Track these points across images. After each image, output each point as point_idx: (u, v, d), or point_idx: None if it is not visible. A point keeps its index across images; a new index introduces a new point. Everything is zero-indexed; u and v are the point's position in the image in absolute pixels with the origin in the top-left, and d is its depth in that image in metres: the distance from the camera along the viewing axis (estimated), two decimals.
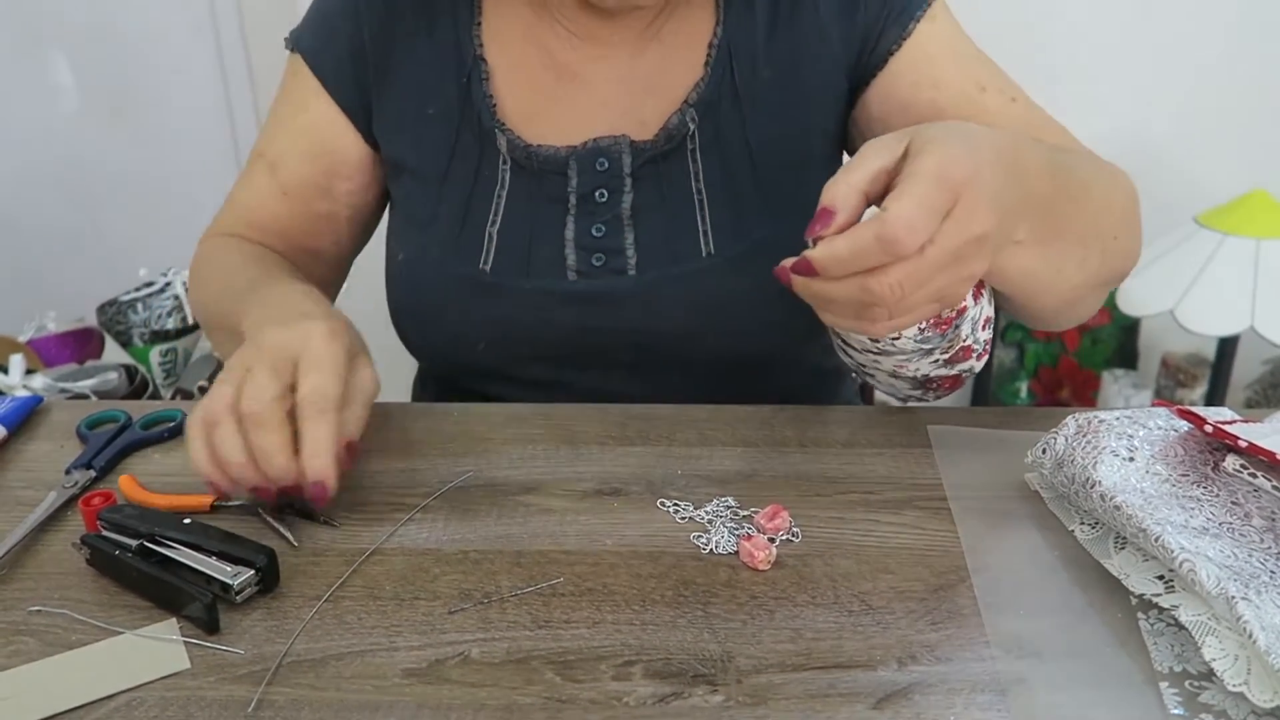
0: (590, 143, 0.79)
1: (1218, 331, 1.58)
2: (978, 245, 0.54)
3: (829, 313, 0.57)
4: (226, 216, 0.88)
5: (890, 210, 0.51)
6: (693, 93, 0.79)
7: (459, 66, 0.81)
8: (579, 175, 0.80)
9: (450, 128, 0.82)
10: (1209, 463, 0.61)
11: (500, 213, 0.81)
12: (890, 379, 0.70)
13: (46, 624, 0.54)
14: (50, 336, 1.71)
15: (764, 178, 0.80)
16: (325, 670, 0.51)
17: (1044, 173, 0.61)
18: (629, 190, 0.80)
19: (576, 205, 0.80)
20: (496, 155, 0.81)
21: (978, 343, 0.67)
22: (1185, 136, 1.94)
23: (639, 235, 0.80)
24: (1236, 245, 1.59)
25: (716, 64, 0.80)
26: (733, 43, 0.80)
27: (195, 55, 2.03)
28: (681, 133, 0.79)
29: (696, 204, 0.80)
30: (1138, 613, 0.54)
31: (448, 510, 0.64)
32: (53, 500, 0.64)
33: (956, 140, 0.54)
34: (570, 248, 0.80)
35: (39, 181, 2.11)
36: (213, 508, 0.64)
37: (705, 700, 0.49)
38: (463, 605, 0.55)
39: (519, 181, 0.81)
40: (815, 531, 0.62)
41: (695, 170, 0.80)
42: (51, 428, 0.75)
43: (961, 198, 0.52)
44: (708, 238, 0.80)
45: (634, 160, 0.79)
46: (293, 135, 0.85)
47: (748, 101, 0.80)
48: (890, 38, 0.78)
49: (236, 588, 0.55)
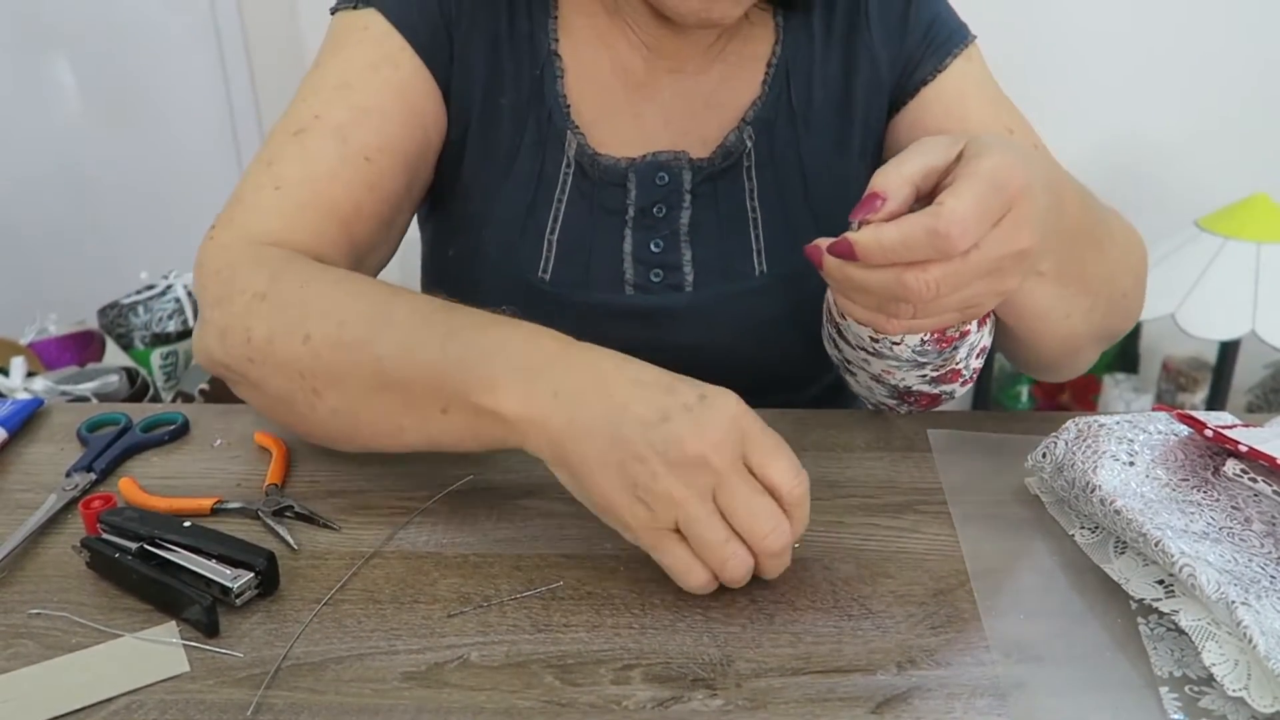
0: (650, 156, 0.79)
1: (1219, 335, 1.58)
2: (1018, 260, 0.53)
3: (851, 300, 0.56)
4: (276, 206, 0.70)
5: (947, 205, 0.50)
6: (750, 111, 0.79)
7: (533, 59, 0.78)
8: (638, 189, 0.79)
9: (519, 121, 0.79)
10: (1209, 467, 0.61)
11: (560, 220, 0.79)
12: (872, 380, 0.69)
13: (46, 627, 0.54)
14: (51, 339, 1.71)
15: (815, 197, 0.80)
16: (324, 674, 0.51)
17: (1078, 209, 0.62)
18: (687, 206, 0.79)
19: (634, 219, 0.79)
20: (561, 158, 0.79)
21: (968, 369, 0.67)
22: (1186, 140, 1.94)
23: (696, 252, 0.79)
24: (1237, 249, 1.59)
25: (774, 83, 0.80)
26: (790, 62, 0.80)
27: (196, 58, 2.04)
28: (739, 150, 0.79)
29: (751, 222, 0.80)
30: (1138, 617, 0.54)
31: (448, 513, 0.64)
32: (53, 503, 0.64)
33: (1012, 150, 0.53)
34: (629, 262, 0.79)
35: (40, 184, 2.11)
36: (213, 511, 0.64)
37: (704, 704, 0.49)
38: (462, 609, 0.55)
39: (578, 189, 0.79)
40: (815, 535, 0.61)
41: (750, 189, 0.80)
42: (52, 430, 0.75)
43: (1014, 208, 0.52)
44: (761, 256, 0.80)
45: (694, 177, 0.79)
46: (375, 92, 0.73)
47: (802, 121, 0.80)
48: (927, 69, 0.79)
49: (236, 591, 0.55)
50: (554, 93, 0.79)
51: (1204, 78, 1.89)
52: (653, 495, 0.51)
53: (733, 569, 0.52)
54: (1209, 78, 1.89)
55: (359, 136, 0.72)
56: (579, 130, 0.79)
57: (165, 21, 2.01)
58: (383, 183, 0.73)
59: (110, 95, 2.07)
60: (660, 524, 0.52)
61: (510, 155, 0.79)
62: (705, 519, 0.51)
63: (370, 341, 0.59)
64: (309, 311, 0.62)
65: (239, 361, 0.64)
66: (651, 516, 0.52)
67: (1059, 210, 0.58)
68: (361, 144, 0.72)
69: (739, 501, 0.51)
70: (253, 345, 0.63)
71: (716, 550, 0.52)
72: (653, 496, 0.51)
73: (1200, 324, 1.58)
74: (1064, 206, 0.59)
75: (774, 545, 0.52)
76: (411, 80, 0.75)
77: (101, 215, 2.13)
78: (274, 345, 0.62)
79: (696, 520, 0.51)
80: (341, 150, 0.71)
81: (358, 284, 0.64)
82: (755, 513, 0.51)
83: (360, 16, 0.76)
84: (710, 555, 0.52)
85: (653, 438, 0.51)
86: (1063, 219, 0.59)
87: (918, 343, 0.63)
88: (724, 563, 0.52)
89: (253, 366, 0.63)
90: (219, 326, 0.65)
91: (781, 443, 0.54)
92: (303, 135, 0.72)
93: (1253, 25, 1.86)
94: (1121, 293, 0.71)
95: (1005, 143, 0.55)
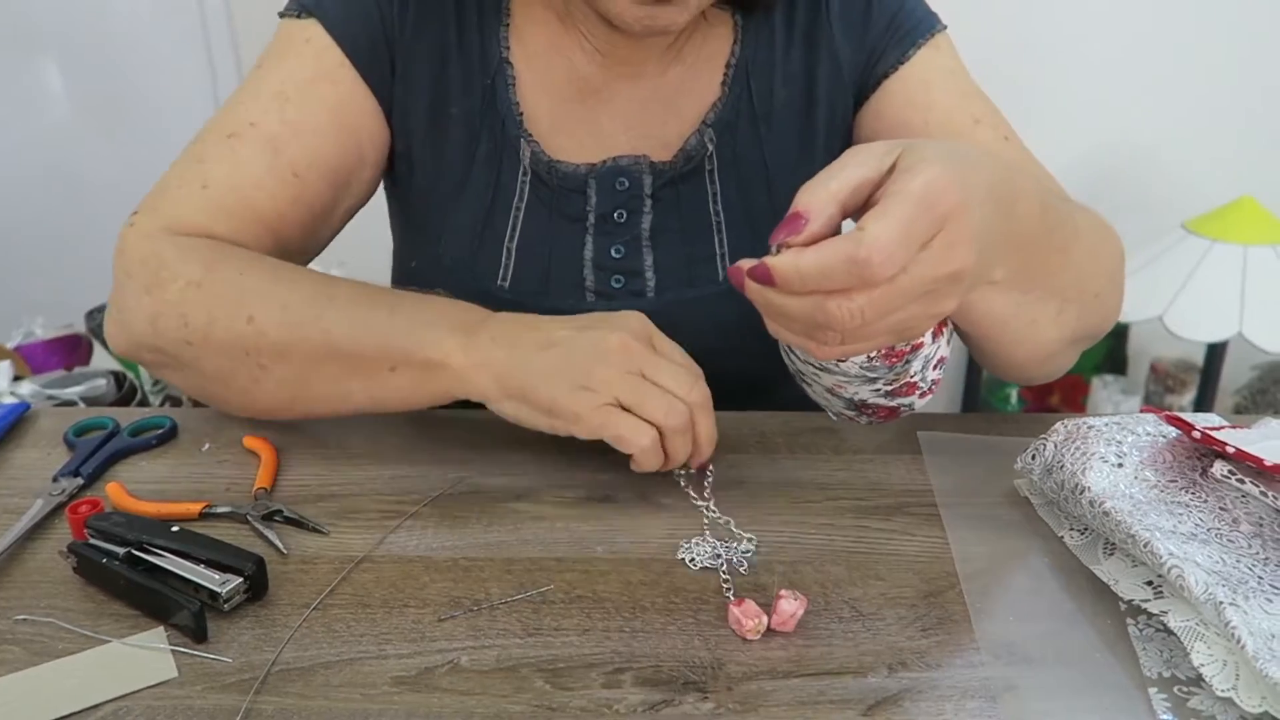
0: (610, 161, 0.78)
1: (1206, 337, 1.59)
2: (952, 282, 0.50)
3: (777, 325, 0.53)
4: (203, 203, 0.72)
5: (868, 231, 0.47)
6: (710, 113, 0.79)
7: (484, 67, 0.78)
8: (598, 195, 0.79)
9: (471, 132, 0.79)
10: (1197, 469, 0.61)
11: (519, 227, 0.79)
12: (826, 393, 0.66)
13: (33, 633, 0.54)
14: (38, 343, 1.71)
15: (779, 199, 0.79)
16: (314, 679, 0.51)
17: (1035, 214, 0.58)
18: (648, 211, 0.79)
19: (595, 225, 0.79)
20: (517, 166, 0.79)
21: (925, 381, 0.63)
22: (1174, 143, 1.95)
23: (658, 257, 0.79)
24: (1224, 251, 1.60)
25: (734, 84, 0.79)
26: (750, 63, 0.79)
27: (185, 60, 2.03)
28: (700, 153, 0.79)
29: (714, 226, 0.80)
30: (1127, 618, 0.54)
31: (438, 517, 0.64)
32: (39, 508, 0.64)
33: (949, 162, 0.49)
34: (589, 268, 0.79)
35: (26, 187, 2.10)
36: (201, 516, 0.64)
37: (696, 707, 0.49)
38: (453, 613, 0.55)
39: (537, 196, 0.79)
40: (806, 538, 0.62)
41: (714, 192, 0.79)
42: (39, 435, 0.75)
43: (945, 228, 0.48)
44: (725, 261, 0.80)
45: (654, 181, 0.79)
46: (310, 109, 0.74)
47: (764, 122, 0.80)
48: (890, 59, 0.78)
49: (225, 596, 0.54)
50: (506, 101, 0.79)
51: (1191, 82, 1.90)
52: (593, 381, 0.62)
53: (676, 416, 0.62)
54: (1196, 82, 1.90)
55: (290, 151, 0.74)
56: (533, 139, 0.79)
57: (154, 24, 2.00)
58: (308, 197, 0.76)
59: (98, 98, 2.06)
60: (604, 400, 0.61)
61: (464, 165, 0.79)
62: (639, 386, 0.62)
63: (317, 317, 0.66)
64: (248, 297, 0.67)
65: (174, 345, 0.68)
66: (595, 396, 0.61)
67: (1008, 217, 0.54)
68: (291, 159, 0.74)
69: (661, 369, 0.63)
70: (190, 329, 0.67)
71: (659, 402, 0.62)
72: (594, 382, 0.62)
73: (1188, 326, 1.59)
74: (1015, 212, 0.55)
75: (698, 396, 0.63)
76: (349, 97, 0.76)
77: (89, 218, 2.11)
78: (214, 328, 0.67)
79: (635, 387, 0.62)
80: (271, 162, 0.73)
81: (293, 271, 0.70)
82: (676, 374, 0.63)
83: (303, 27, 0.76)
84: (654, 409, 0.61)
85: (581, 343, 0.63)
86: (1014, 225, 0.56)
87: (863, 359, 0.59)
88: (667, 412, 0.61)
89: (189, 349, 0.68)
90: (149, 312, 0.68)
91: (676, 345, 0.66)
92: (235, 140, 0.74)
93: (1239, 29, 1.87)
94: (1094, 294, 0.68)
95: (944, 152, 0.50)
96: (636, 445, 0.61)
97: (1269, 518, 0.57)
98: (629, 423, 0.61)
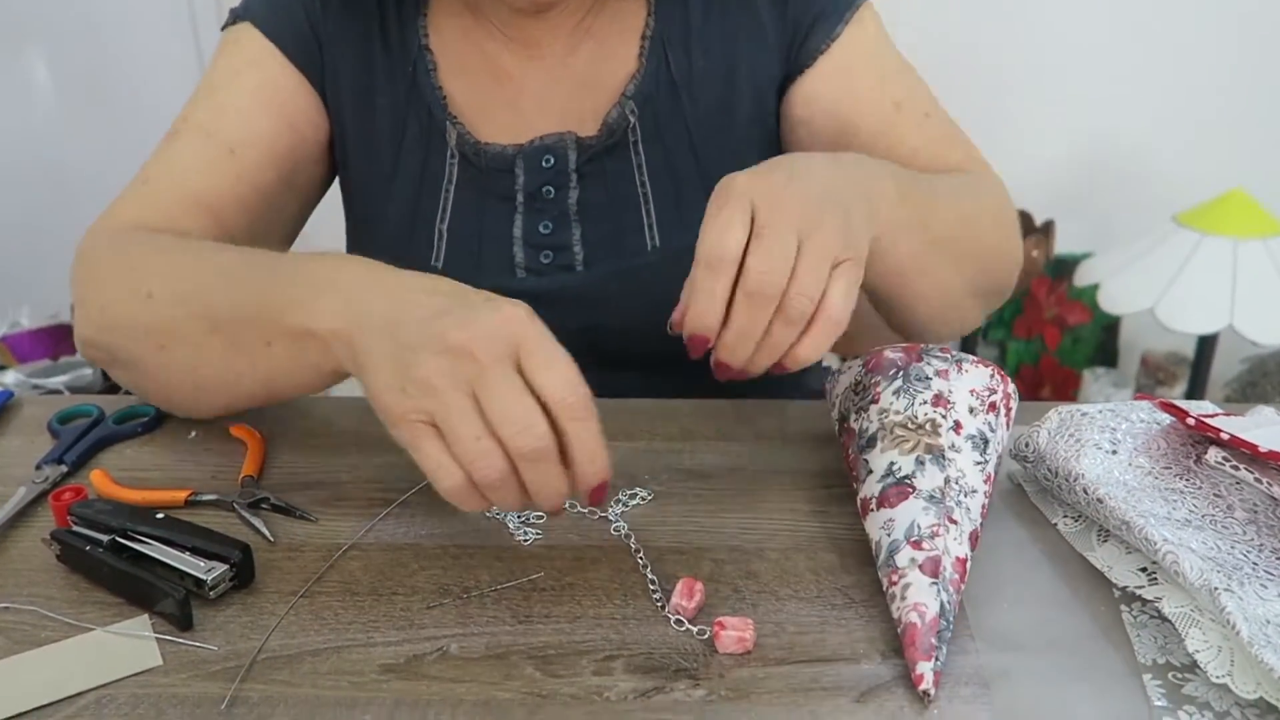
0: (536, 140, 0.79)
1: (1197, 330, 1.59)
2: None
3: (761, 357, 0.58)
4: (141, 197, 0.75)
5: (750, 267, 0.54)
6: (630, 85, 0.79)
7: (404, 56, 0.80)
8: (525, 173, 0.79)
9: (397, 120, 0.81)
10: (1191, 456, 0.61)
11: (449, 208, 0.81)
12: None
13: (15, 621, 0.53)
14: (24, 332, 1.69)
15: (706, 168, 0.80)
16: (301, 666, 0.50)
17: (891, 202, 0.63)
18: (575, 186, 0.80)
19: (524, 203, 0.80)
20: (445, 149, 0.80)
21: None
22: (1164, 136, 1.95)
23: (585, 231, 0.80)
24: (1215, 244, 1.60)
25: (651, 55, 0.80)
26: (666, 33, 0.80)
27: (173, 51, 2.01)
28: (623, 126, 0.79)
29: (641, 198, 0.80)
30: (1121, 605, 0.54)
31: (427, 505, 0.63)
32: (22, 495, 0.63)
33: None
34: (519, 245, 0.80)
35: (12, 176, 2.08)
36: (187, 503, 0.63)
37: (687, 694, 0.48)
38: (441, 600, 0.55)
39: (466, 177, 0.80)
40: (798, 524, 0.61)
41: (639, 164, 0.80)
42: (23, 423, 0.74)
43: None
44: (653, 231, 0.80)
45: (579, 156, 0.79)
46: (237, 90, 0.78)
47: (685, 91, 0.80)
48: (818, 36, 0.79)
49: (210, 583, 0.54)
50: (429, 86, 0.80)
51: (1181, 74, 1.91)
52: (413, 382, 0.50)
53: (483, 469, 0.49)
54: (1186, 74, 1.90)
55: (222, 132, 0.76)
56: (458, 121, 0.80)
57: (141, 14, 1.99)
58: (249, 174, 0.77)
59: (85, 87, 2.04)
60: (416, 412, 0.50)
61: (393, 152, 0.81)
62: (458, 409, 0.49)
63: (204, 288, 0.63)
64: (150, 274, 0.66)
65: (97, 333, 0.69)
66: (408, 403, 0.50)
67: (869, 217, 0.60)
68: (225, 138, 0.76)
69: (494, 394, 0.49)
70: (104, 316, 0.68)
71: (467, 445, 0.49)
72: (413, 384, 0.50)
73: (1179, 319, 1.59)
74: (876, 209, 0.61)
75: (522, 444, 0.49)
76: (277, 79, 0.79)
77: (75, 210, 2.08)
78: (116, 309, 0.67)
79: (450, 410, 0.49)
80: (204, 144, 0.76)
81: (206, 247, 0.68)
82: (508, 408, 0.49)
83: (236, 31, 0.80)
84: (461, 449, 0.50)
85: (424, 330, 0.51)
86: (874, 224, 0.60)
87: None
88: (474, 461, 0.49)
89: (108, 336, 0.68)
90: (81, 312, 0.70)
91: (564, 356, 0.51)
92: (172, 137, 0.78)
93: (1231, 23, 1.87)
94: (990, 249, 0.75)
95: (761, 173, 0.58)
96: (439, 486, 0.51)
97: (1263, 504, 0.56)
98: (434, 456, 0.50)
